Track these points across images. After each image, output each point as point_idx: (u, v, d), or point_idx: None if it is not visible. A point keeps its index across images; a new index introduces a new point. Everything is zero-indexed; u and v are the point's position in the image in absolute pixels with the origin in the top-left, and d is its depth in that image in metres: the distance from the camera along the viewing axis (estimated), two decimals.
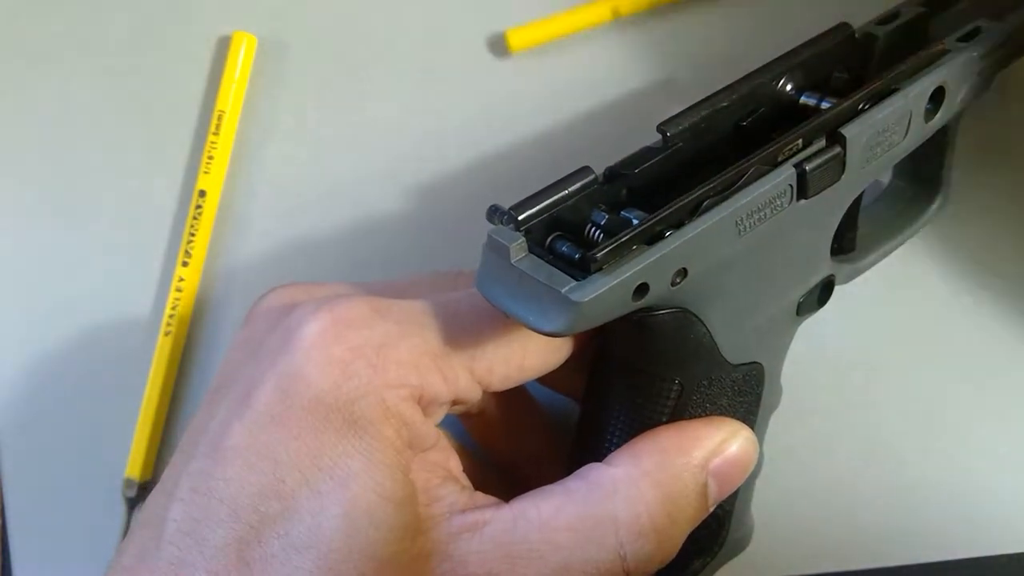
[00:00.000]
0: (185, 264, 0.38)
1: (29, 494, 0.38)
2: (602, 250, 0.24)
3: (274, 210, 0.39)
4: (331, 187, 0.38)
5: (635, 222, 0.25)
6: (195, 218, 0.38)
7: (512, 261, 0.25)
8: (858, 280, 0.33)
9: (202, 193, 0.38)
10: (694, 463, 0.28)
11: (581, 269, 0.25)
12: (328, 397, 0.25)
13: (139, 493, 0.37)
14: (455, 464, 0.29)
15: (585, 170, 0.27)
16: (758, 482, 0.33)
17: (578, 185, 0.26)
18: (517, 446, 0.34)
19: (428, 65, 0.39)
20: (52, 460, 0.38)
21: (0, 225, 0.39)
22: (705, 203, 0.26)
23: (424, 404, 0.27)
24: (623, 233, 0.24)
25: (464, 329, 0.27)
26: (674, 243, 0.25)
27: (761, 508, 0.37)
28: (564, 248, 0.26)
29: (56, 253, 0.39)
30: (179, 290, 0.37)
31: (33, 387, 0.39)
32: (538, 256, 0.25)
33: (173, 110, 0.39)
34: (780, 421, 0.34)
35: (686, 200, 0.25)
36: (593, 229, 0.26)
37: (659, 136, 0.28)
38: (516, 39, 0.37)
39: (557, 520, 0.26)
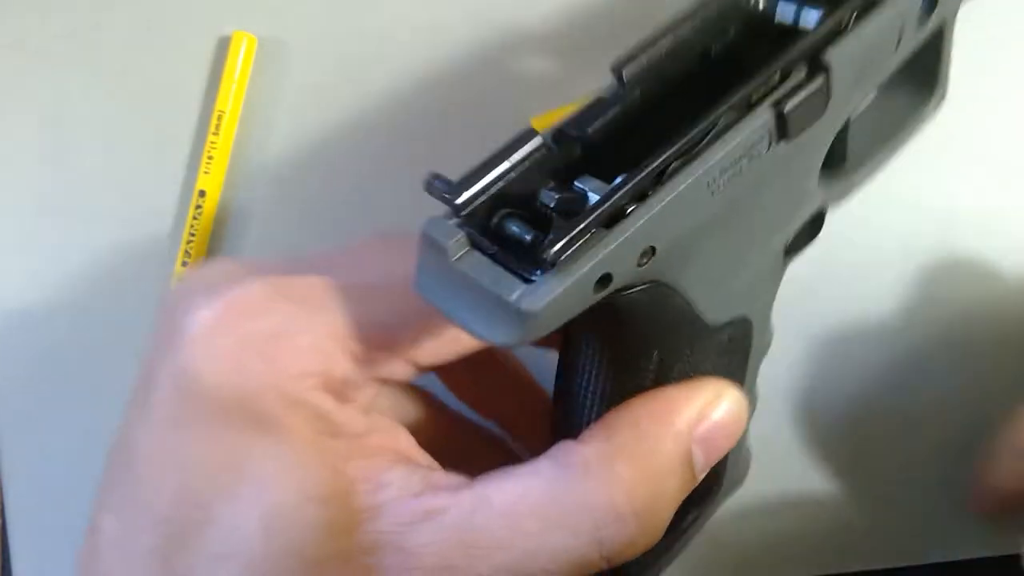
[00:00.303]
0: (185, 264, 0.38)
1: (29, 494, 0.38)
2: (554, 244, 0.21)
3: (274, 210, 0.39)
4: (331, 187, 0.38)
5: (590, 197, 0.22)
6: (195, 218, 0.38)
7: (451, 261, 0.22)
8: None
9: (202, 193, 0.38)
10: (674, 432, 0.25)
11: (532, 262, 0.22)
12: (223, 394, 0.23)
13: None
14: (406, 443, 0.26)
15: (530, 134, 0.23)
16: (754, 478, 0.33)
17: (524, 153, 0.23)
18: (499, 407, 0.31)
19: (428, 65, 0.39)
20: (52, 460, 0.38)
21: (0, 226, 0.39)
22: (671, 167, 0.22)
23: (336, 389, 0.24)
24: (578, 219, 0.21)
25: (379, 303, 0.25)
26: (638, 221, 0.22)
27: (761, 508, 0.37)
28: (514, 228, 0.23)
29: (56, 253, 0.39)
30: None
31: (33, 387, 0.39)
32: (482, 248, 0.22)
33: (173, 110, 0.39)
34: (782, 424, 0.34)
35: (649, 168, 0.22)
36: (543, 206, 0.23)
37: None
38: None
39: (522, 505, 0.23)
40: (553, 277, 0.21)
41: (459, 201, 0.22)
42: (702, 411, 0.25)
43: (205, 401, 0.23)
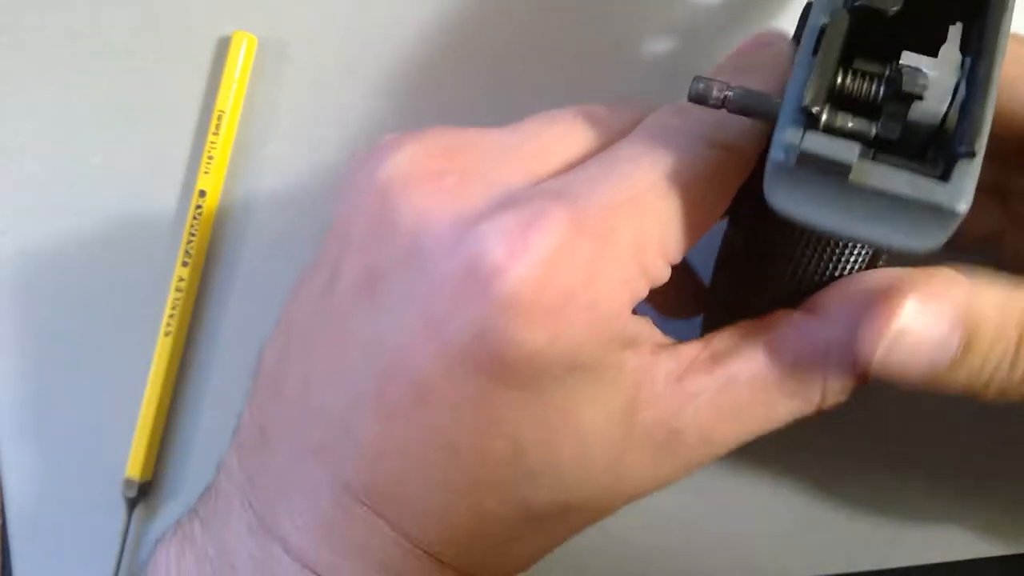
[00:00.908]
0: (185, 264, 0.38)
1: (29, 494, 0.38)
2: (969, 134, 0.20)
3: (274, 210, 0.39)
4: (331, 188, 0.38)
5: (929, 73, 0.21)
6: (195, 218, 0.38)
7: (855, 178, 0.20)
8: None
9: (202, 193, 0.38)
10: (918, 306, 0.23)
11: (914, 155, 0.21)
12: (542, 354, 0.22)
13: (139, 493, 0.37)
14: (650, 330, 0.26)
15: (838, 11, 0.21)
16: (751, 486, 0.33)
17: (840, 36, 0.21)
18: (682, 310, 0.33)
19: (428, 65, 0.39)
20: (52, 460, 0.38)
21: (0, 227, 0.39)
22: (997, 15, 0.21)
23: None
24: (973, 102, 0.20)
25: (658, 210, 0.23)
26: (993, 89, 0.21)
27: (760, 508, 0.37)
28: (850, 124, 0.21)
29: (55, 254, 0.38)
30: (179, 290, 0.37)
31: (33, 387, 0.39)
32: (877, 157, 0.21)
33: (173, 110, 0.39)
34: None
35: (999, 26, 0.21)
36: (869, 81, 0.22)
37: None
38: None
39: (766, 378, 0.25)
40: (966, 168, 0.20)
41: (815, 108, 0.20)
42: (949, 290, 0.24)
43: (522, 365, 0.22)
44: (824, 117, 0.21)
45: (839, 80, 0.22)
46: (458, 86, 0.39)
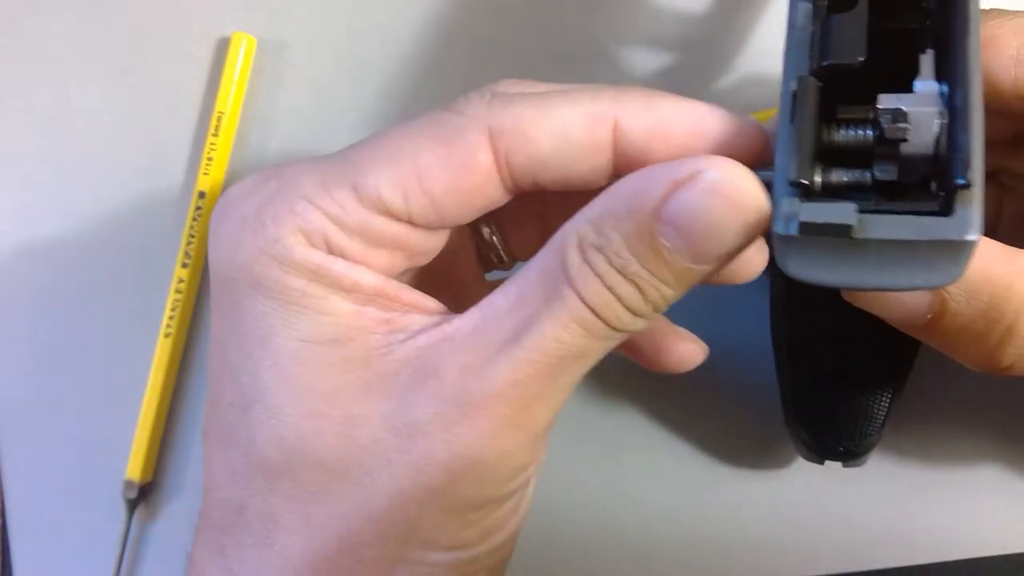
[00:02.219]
0: (185, 265, 0.38)
1: (29, 495, 0.38)
2: (964, 167, 0.20)
3: None
4: None
5: (911, 112, 0.21)
6: (195, 219, 0.38)
7: (858, 236, 0.21)
8: None
9: (202, 194, 0.38)
10: (637, 214, 0.22)
11: (913, 196, 0.21)
12: (229, 271, 0.25)
13: (139, 494, 0.37)
14: (414, 298, 0.26)
15: (807, 82, 0.22)
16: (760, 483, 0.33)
17: (812, 103, 0.22)
18: None
19: (427, 65, 0.39)
20: (52, 461, 0.38)
21: (1, 227, 0.39)
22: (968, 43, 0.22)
23: (323, 244, 0.25)
24: (962, 135, 0.21)
25: (351, 160, 0.25)
26: (979, 108, 0.21)
27: (760, 508, 0.37)
28: (845, 178, 0.22)
29: (56, 255, 0.38)
30: (179, 291, 0.37)
31: (34, 388, 0.39)
32: (871, 209, 0.21)
33: (173, 111, 0.39)
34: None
35: (969, 56, 0.22)
36: (855, 130, 0.22)
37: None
38: None
39: (521, 299, 0.24)
40: (968, 197, 0.21)
41: (804, 180, 0.21)
42: (669, 184, 0.22)
43: (219, 282, 0.26)
44: (819, 179, 0.22)
45: (826, 135, 0.22)
46: (457, 86, 0.38)
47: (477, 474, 0.24)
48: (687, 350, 0.30)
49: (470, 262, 0.31)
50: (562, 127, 0.24)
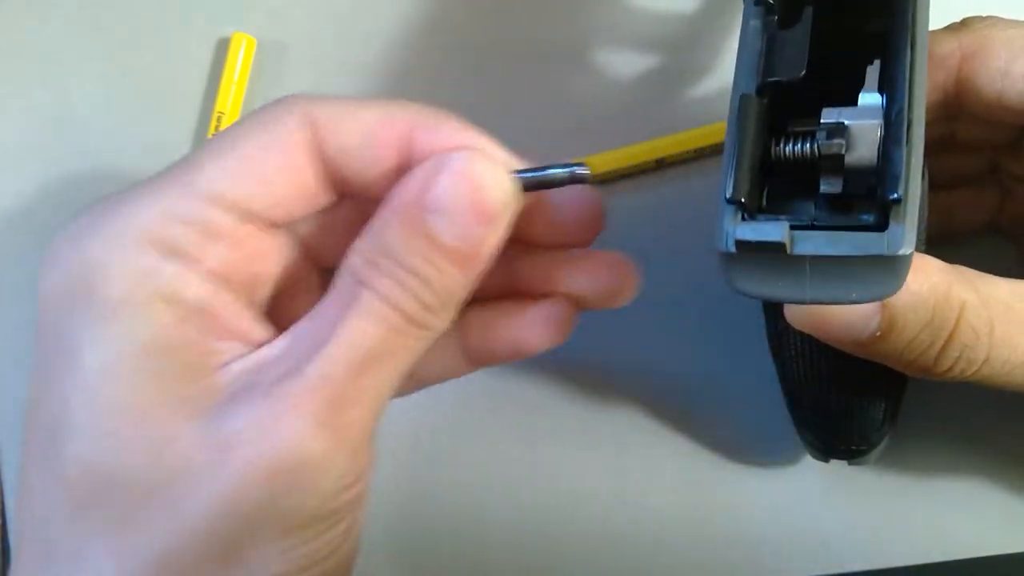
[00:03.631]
0: None
1: None
2: (894, 183, 0.20)
3: None
4: None
5: (851, 125, 0.22)
6: None
7: (793, 253, 0.21)
8: None
9: None
10: (402, 210, 0.24)
11: (853, 209, 0.22)
12: (46, 289, 0.24)
13: None
14: (239, 324, 0.25)
15: (749, 101, 0.23)
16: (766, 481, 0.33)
17: (754, 120, 0.22)
18: None
19: (427, 66, 0.39)
20: None
21: (1, 227, 0.39)
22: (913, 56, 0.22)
23: (158, 243, 0.24)
24: (897, 148, 0.21)
25: (182, 163, 0.25)
26: (920, 122, 0.21)
27: (761, 508, 0.37)
28: (791, 192, 0.23)
29: None
30: None
31: None
32: (805, 225, 0.22)
33: (172, 111, 0.39)
34: (784, 419, 0.34)
35: (912, 68, 0.22)
36: (794, 155, 0.23)
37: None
38: None
39: (323, 315, 0.24)
40: (900, 211, 0.21)
41: (741, 199, 0.22)
42: (427, 178, 0.24)
43: (41, 303, 0.25)
44: (764, 194, 0.23)
45: (774, 149, 0.23)
46: (456, 87, 0.39)
47: (297, 481, 0.23)
48: (531, 329, 0.29)
49: (312, 300, 0.28)
50: (367, 124, 0.25)
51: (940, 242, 0.35)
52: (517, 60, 0.38)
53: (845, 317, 0.26)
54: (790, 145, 0.23)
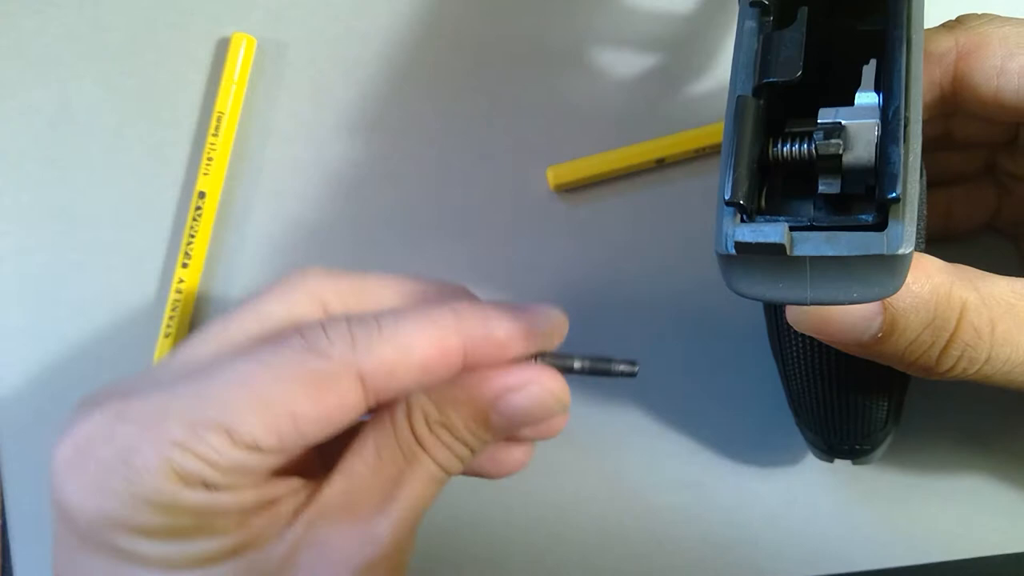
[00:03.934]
0: (185, 265, 0.38)
1: (30, 495, 0.38)
2: (893, 183, 0.20)
3: (274, 211, 0.39)
4: (331, 188, 0.38)
5: (849, 125, 0.22)
6: (195, 219, 0.38)
7: (793, 254, 0.21)
8: None
9: (202, 195, 0.38)
10: (477, 398, 0.29)
11: (850, 209, 0.22)
12: (96, 520, 0.25)
13: None
14: (280, 489, 0.28)
15: (745, 101, 0.23)
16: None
17: (752, 120, 0.22)
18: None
19: (426, 66, 0.39)
20: None
21: (1, 227, 0.39)
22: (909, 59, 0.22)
23: (200, 485, 0.26)
24: (893, 149, 0.21)
25: (217, 399, 0.26)
26: (917, 120, 0.21)
27: (761, 508, 0.37)
28: (790, 192, 0.23)
29: (56, 255, 0.39)
30: (179, 292, 0.37)
31: (34, 388, 0.39)
32: (805, 226, 0.21)
33: (172, 111, 0.39)
34: (785, 418, 0.34)
35: (908, 69, 0.22)
36: (792, 154, 0.23)
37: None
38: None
39: (380, 465, 0.28)
40: (899, 211, 0.21)
41: (739, 200, 0.22)
42: (504, 390, 0.29)
43: (75, 527, 0.26)
44: (763, 194, 0.22)
45: (772, 149, 0.23)
46: (456, 87, 0.39)
47: None
48: (514, 459, 0.33)
49: None
50: (422, 366, 0.27)
51: (939, 240, 0.35)
52: (517, 60, 0.38)
53: (846, 319, 0.26)
54: (788, 145, 0.23)
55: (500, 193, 0.38)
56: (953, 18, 0.30)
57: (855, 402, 0.32)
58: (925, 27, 0.24)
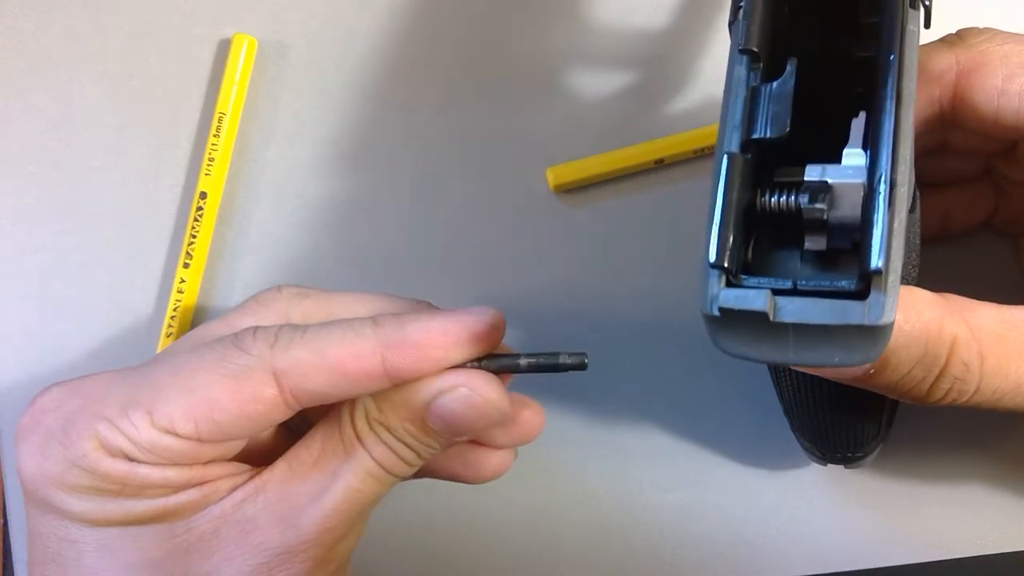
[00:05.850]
0: (186, 266, 0.38)
1: None
2: (876, 255, 0.20)
3: (275, 212, 0.39)
4: (331, 188, 0.39)
5: (833, 183, 0.22)
6: (196, 220, 0.38)
7: (774, 319, 0.21)
8: None
9: (203, 195, 0.38)
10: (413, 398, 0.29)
11: (836, 273, 0.22)
12: (37, 480, 0.28)
13: None
14: (220, 470, 0.30)
15: (733, 159, 0.22)
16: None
17: (737, 181, 0.22)
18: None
19: (426, 66, 0.39)
20: None
21: (2, 228, 0.39)
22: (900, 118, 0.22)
23: (123, 458, 0.28)
24: (875, 216, 0.21)
25: (150, 382, 0.28)
26: (904, 182, 0.21)
27: (761, 508, 0.37)
28: (775, 250, 0.23)
29: (58, 255, 0.39)
30: (180, 292, 0.38)
31: (34, 388, 0.38)
32: (787, 291, 0.21)
33: (174, 112, 0.39)
34: (783, 419, 0.34)
35: (897, 130, 0.22)
36: (783, 197, 0.23)
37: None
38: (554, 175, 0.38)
39: (322, 456, 0.29)
40: (882, 282, 0.21)
41: (726, 264, 0.22)
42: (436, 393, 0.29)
43: (30, 492, 0.29)
44: (751, 243, 0.23)
45: (760, 200, 0.23)
46: (456, 87, 0.39)
47: None
48: (492, 463, 0.33)
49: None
50: (337, 368, 0.28)
51: (937, 240, 0.35)
52: (517, 60, 0.39)
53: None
54: (775, 196, 0.23)
55: (500, 194, 0.38)
56: (953, 32, 0.30)
57: (847, 420, 0.32)
58: (924, 43, 0.24)
